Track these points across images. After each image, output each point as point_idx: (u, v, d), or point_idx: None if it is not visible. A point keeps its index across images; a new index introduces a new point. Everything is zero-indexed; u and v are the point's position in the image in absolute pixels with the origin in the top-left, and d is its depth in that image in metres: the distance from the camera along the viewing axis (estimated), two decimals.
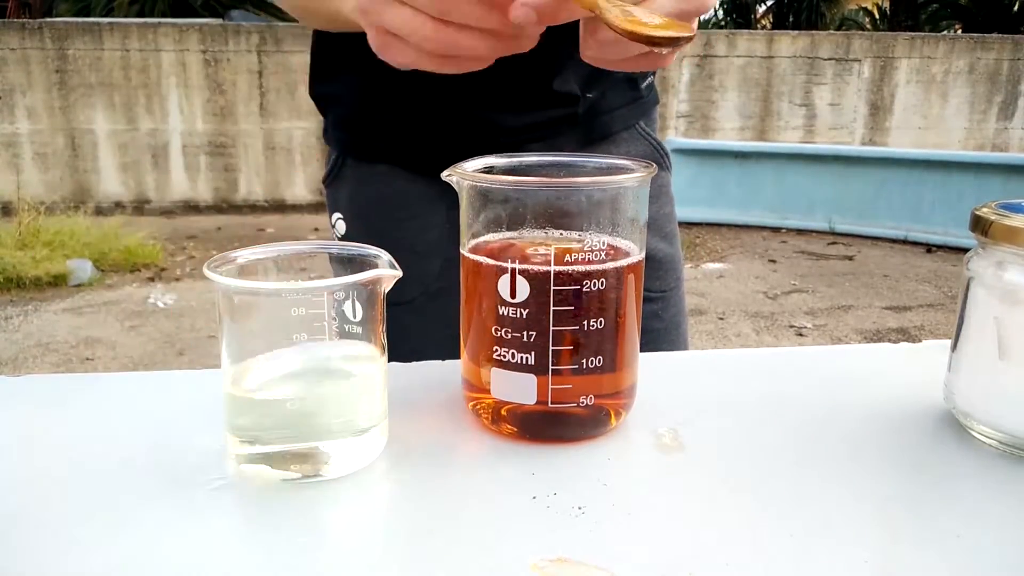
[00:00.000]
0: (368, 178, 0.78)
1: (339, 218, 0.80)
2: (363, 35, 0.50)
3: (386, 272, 0.41)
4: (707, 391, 0.53)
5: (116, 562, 0.34)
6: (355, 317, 0.41)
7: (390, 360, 0.46)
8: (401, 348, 0.58)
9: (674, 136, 6.68)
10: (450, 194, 0.46)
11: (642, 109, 0.85)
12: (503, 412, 0.45)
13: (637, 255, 0.45)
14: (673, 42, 0.43)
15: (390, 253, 0.43)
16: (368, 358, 0.43)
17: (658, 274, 0.80)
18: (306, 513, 0.38)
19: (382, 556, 0.35)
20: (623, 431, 0.47)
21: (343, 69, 0.76)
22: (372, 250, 0.43)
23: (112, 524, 0.37)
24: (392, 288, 0.42)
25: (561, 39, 0.52)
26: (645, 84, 0.84)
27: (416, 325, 0.74)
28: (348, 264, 0.43)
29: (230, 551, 0.35)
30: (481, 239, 0.45)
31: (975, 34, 7.99)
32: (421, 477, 0.41)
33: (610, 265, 0.43)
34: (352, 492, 0.40)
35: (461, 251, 0.46)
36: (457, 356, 0.49)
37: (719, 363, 0.59)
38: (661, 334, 0.81)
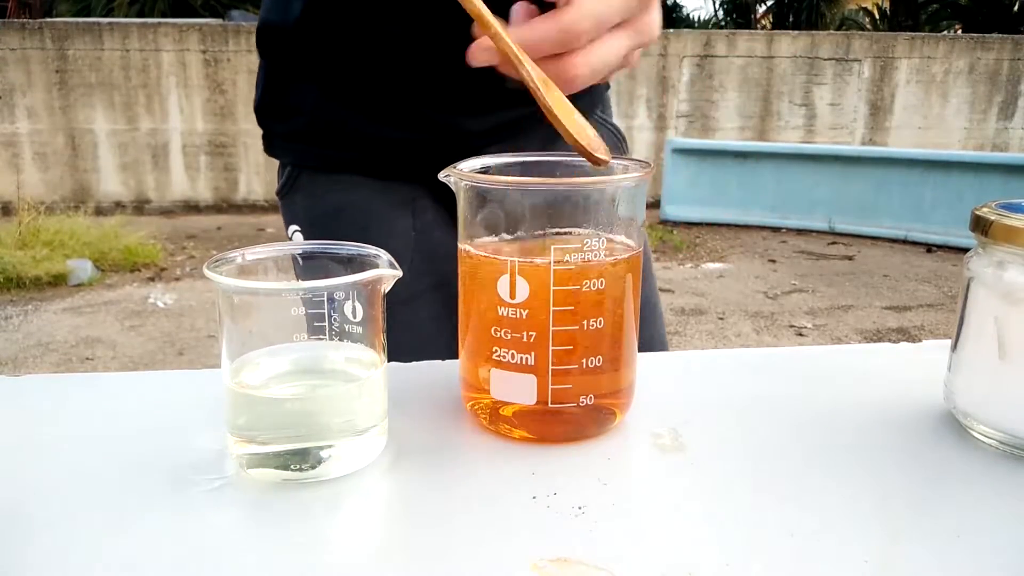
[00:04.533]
0: (328, 188, 0.77)
1: (296, 230, 0.79)
2: (321, 44, 0.47)
3: (386, 272, 0.41)
4: (707, 391, 0.53)
5: (116, 562, 0.34)
6: (355, 317, 0.41)
7: None
8: None
9: (674, 136, 6.68)
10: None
11: (599, 95, 0.84)
12: (502, 412, 0.45)
13: (635, 254, 0.45)
14: (593, 160, 0.46)
15: None
16: (368, 358, 0.43)
17: None
18: (306, 513, 0.38)
19: (382, 556, 0.35)
20: (623, 431, 0.47)
21: (301, 79, 0.75)
22: (372, 250, 0.43)
23: (112, 524, 0.37)
24: None
25: None
26: None
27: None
28: (348, 264, 0.43)
29: (230, 551, 0.35)
30: (480, 240, 0.45)
31: (975, 34, 8.00)
32: (421, 477, 0.41)
33: (609, 264, 0.43)
34: (352, 492, 0.40)
35: (460, 252, 0.47)
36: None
37: (719, 363, 0.59)
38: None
